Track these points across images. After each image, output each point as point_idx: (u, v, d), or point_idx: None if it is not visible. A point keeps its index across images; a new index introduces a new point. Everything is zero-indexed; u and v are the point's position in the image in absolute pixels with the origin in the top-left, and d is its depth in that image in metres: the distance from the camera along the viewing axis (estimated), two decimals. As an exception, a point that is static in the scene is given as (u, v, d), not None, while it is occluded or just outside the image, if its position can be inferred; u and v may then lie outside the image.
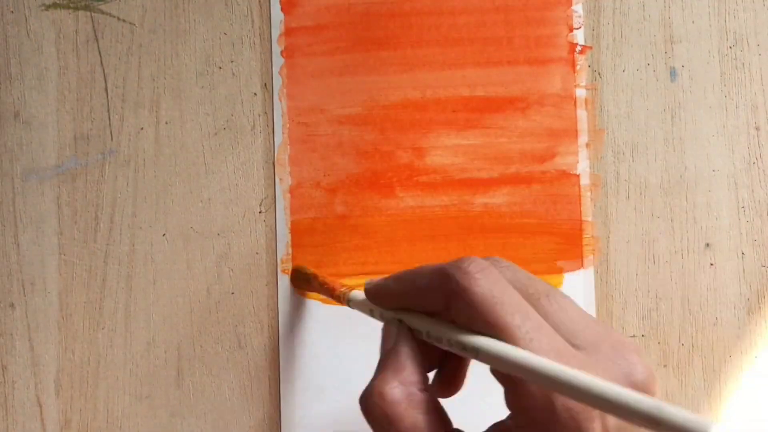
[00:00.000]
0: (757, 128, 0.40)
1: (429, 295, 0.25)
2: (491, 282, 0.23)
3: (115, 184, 0.42)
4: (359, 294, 0.32)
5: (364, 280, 0.38)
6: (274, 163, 0.42)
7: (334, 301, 0.36)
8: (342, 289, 0.34)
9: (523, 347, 0.22)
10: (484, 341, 0.23)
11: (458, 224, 0.41)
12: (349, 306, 0.33)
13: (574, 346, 0.23)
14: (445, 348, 0.25)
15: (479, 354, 0.23)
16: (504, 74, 0.41)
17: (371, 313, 0.30)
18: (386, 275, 0.29)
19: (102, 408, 0.42)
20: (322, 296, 0.39)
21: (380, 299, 0.28)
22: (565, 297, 0.25)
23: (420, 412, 0.24)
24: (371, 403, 0.24)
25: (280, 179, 0.42)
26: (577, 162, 0.41)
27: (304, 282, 0.40)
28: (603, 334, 0.24)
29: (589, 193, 0.41)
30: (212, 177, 0.42)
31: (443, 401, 0.27)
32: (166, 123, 0.42)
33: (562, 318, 0.24)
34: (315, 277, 0.38)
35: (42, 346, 0.42)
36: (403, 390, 0.24)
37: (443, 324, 0.25)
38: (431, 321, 0.26)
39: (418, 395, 0.25)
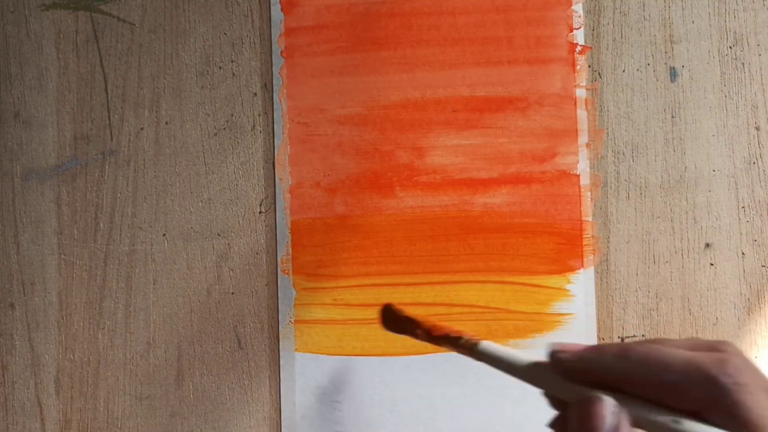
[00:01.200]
0: (757, 128, 0.40)
1: (674, 392, 0.23)
2: (759, 399, 0.22)
3: (115, 184, 0.42)
4: (493, 346, 0.29)
5: (369, 289, 0.38)
6: (274, 163, 0.42)
7: (432, 346, 0.32)
8: (467, 338, 0.30)
9: None
10: None
11: (458, 224, 0.41)
12: (476, 358, 0.29)
13: None
14: None
15: None
16: (504, 74, 0.41)
17: (523, 375, 0.27)
18: (578, 345, 0.26)
19: (102, 408, 0.42)
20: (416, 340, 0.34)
21: (582, 376, 0.25)
22: None
23: None
24: None
25: (280, 179, 0.42)
26: (577, 162, 0.41)
27: (395, 324, 0.35)
28: None
29: (589, 193, 0.41)
30: (212, 177, 0.42)
31: None
32: (166, 123, 0.42)
33: None
34: (411, 320, 0.34)
35: (42, 346, 0.42)
36: None
37: (686, 419, 0.22)
38: (665, 411, 0.23)
39: None
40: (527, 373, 0.27)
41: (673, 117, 0.41)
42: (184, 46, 0.42)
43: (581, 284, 0.40)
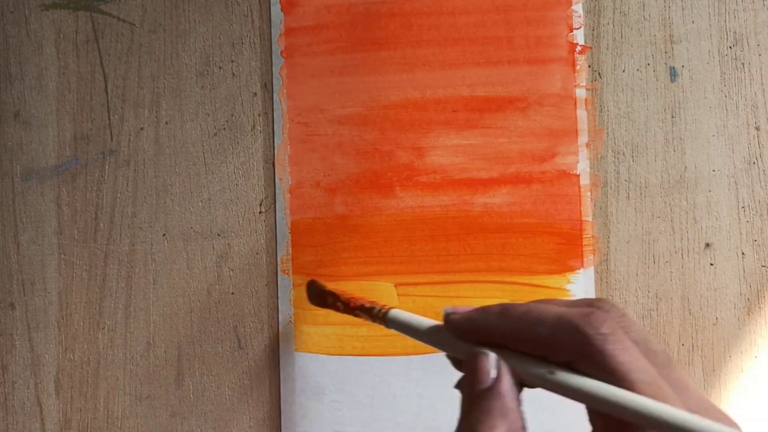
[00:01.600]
0: (757, 128, 0.40)
1: (547, 345, 0.24)
2: (624, 346, 0.23)
3: (115, 184, 0.42)
4: (401, 313, 0.31)
5: (362, 285, 0.38)
6: (274, 163, 0.42)
7: (350, 317, 0.34)
8: (378, 307, 0.32)
9: None
10: (629, 395, 0.22)
11: (458, 224, 0.41)
12: (387, 326, 0.31)
13: (689, 411, 0.23)
14: (551, 390, 0.25)
15: (621, 408, 0.23)
16: (504, 74, 0.41)
17: (426, 338, 0.29)
18: (470, 307, 0.27)
19: (102, 408, 0.42)
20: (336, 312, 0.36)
21: (471, 335, 0.27)
22: (674, 360, 0.25)
23: None
24: None
25: (280, 179, 0.42)
26: (577, 162, 0.41)
27: (318, 297, 0.38)
28: (709, 404, 0.24)
29: (589, 193, 0.41)
30: (212, 177, 0.42)
31: None
32: (166, 123, 0.42)
33: (678, 384, 0.24)
34: (332, 294, 0.36)
35: (42, 346, 0.42)
36: None
37: (560, 369, 0.24)
38: (541, 363, 0.24)
39: None
40: (429, 336, 0.29)
41: (673, 117, 0.41)
42: (184, 46, 0.42)
43: (581, 284, 0.40)
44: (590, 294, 0.40)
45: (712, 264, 0.40)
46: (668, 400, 0.23)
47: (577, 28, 0.41)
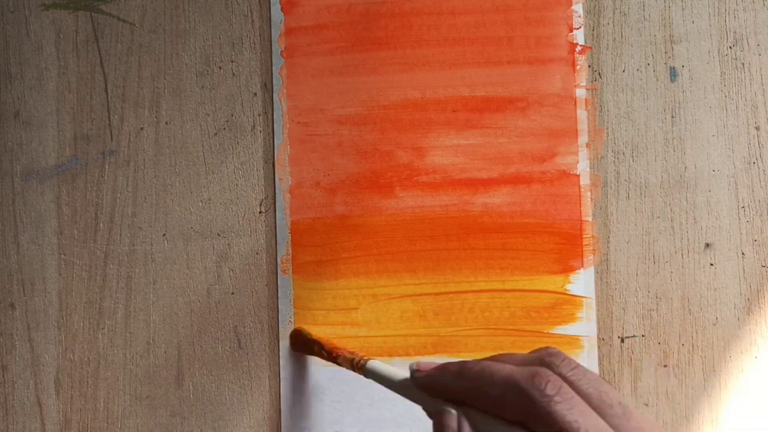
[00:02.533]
0: (757, 128, 0.40)
1: (500, 405, 0.25)
2: (571, 405, 0.24)
3: (115, 184, 0.42)
4: (378, 365, 0.33)
5: (361, 283, 0.38)
6: (274, 163, 0.42)
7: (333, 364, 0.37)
8: (357, 358, 0.35)
9: None
10: None
11: (458, 224, 0.41)
12: (366, 376, 0.34)
13: None
14: None
15: None
16: (504, 74, 0.41)
17: (399, 390, 0.31)
18: (435, 364, 0.29)
19: (102, 408, 0.42)
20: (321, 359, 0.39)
21: (434, 392, 0.29)
22: (634, 409, 0.26)
23: None
24: None
25: (280, 179, 0.42)
26: (577, 162, 0.41)
27: (303, 345, 0.40)
28: None
29: (589, 193, 0.41)
30: (212, 177, 0.42)
31: None
32: (166, 123, 0.42)
33: None
34: (317, 342, 0.39)
35: (42, 346, 0.42)
36: None
37: (516, 429, 0.25)
38: (497, 422, 0.26)
39: None
40: (403, 389, 0.31)
41: (673, 117, 0.41)
42: (184, 46, 0.42)
43: (581, 284, 0.40)
44: (590, 294, 0.40)
45: (712, 264, 0.40)
46: None
47: (577, 28, 0.41)
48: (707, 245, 0.40)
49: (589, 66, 0.41)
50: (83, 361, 0.42)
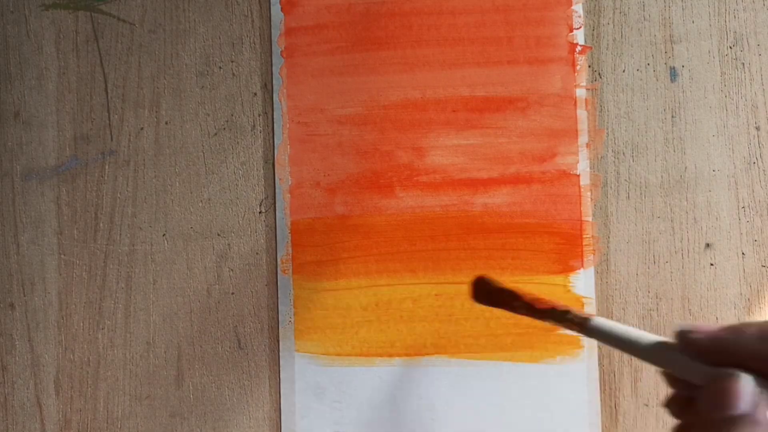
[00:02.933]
0: (757, 128, 0.40)
1: None
2: None
3: (115, 184, 0.42)
4: (607, 323, 0.28)
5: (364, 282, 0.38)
6: (274, 163, 0.42)
7: (528, 317, 0.32)
8: (574, 313, 0.30)
9: None
10: None
11: (458, 224, 0.41)
12: (588, 335, 0.29)
13: None
14: None
15: None
16: (504, 74, 0.41)
17: (644, 354, 0.27)
18: (711, 325, 0.25)
19: (102, 408, 0.42)
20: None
21: (719, 357, 0.24)
22: None
23: None
24: None
25: (280, 179, 0.42)
26: (577, 162, 0.41)
27: (490, 295, 0.34)
28: None
29: (589, 193, 0.41)
30: (212, 177, 0.42)
31: None
32: (166, 123, 0.42)
33: None
34: (510, 293, 0.33)
35: (42, 346, 0.42)
36: None
37: None
38: None
39: None
40: (649, 352, 0.26)
41: (673, 117, 0.41)
42: (184, 46, 0.42)
43: (581, 284, 0.40)
44: (590, 294, 0.40)
45: (712, 264, 0.40)
46: None
47: (577, 28, 0.41)
48: (707, 245, 0.40)
49: (589, 66, 0.41)
50: (83, 361, 0.42)
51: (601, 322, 0.28)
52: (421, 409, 0.40)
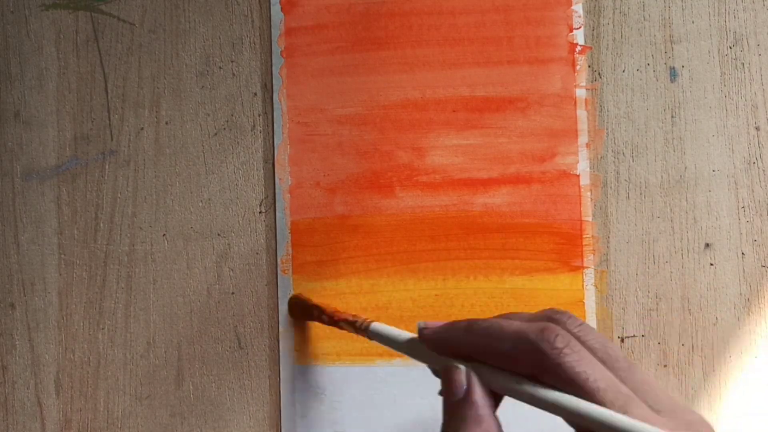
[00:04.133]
0: (757, 128, 0.40)
1: (509, 359, 0.26)
2: (580, 357, 0.25)
3: (115, 184, 0.42)
4: (382, 327, 0.33)
5: (362, 284, 0.38)
6: (274, 163, 0.42)
7: (334, 329, 0.37)
8: (360, 320, 0.35)
9: None
10: (588, 406, 0.24)
11: (458, 224, 0.41)
12: (369, 338, 0.34)
13: (655, 411, 0.25)
14: (520, 400, 0.26)
15: (577, 416, 0.24)
16: (504, 74, 0.41)
17: (405, 350, 0.31)
18: (442, 321, 0.29)
19: (102, 408, 0.42)
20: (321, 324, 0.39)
21: (442, 349, 0.29)
22: (636, 364, 0.27)
23: None
24: None
25: (280, 179, 0.42)
26: (577, 162, 0.41)
27: (302, 311, 0.40)
28: (677, 403, 0.25)
29: (589, 193, 0.41)
30: (212, 177, 0.42)
31: None
32: (166, 123, 0.42)
33: (642, 386, 0.25)
34: (317, 307, 0.39)
35: (42, 346, 0.42)
36: None
37: (525, 382, 0.26)
38: (509, 377, 0.26)
39: None
40: (408, 348, 0.31)
41: (673, 117, 0.41)
42: (184, 46, 0.42)
43: (581, 284, 0.40)
44: (590, 294, 0.40)
45: (712, 264, 0.40)
46: (629, 403, 0.24)
47: (577, 28, 0.41)
48: (707, 245, 0.40)
49: (589, 66, 0.41)
50: (83, 361, 0.42)
51: (378, 326, 0.33)
52: (422, 409, 0.40)
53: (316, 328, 0.41)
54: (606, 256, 0.40)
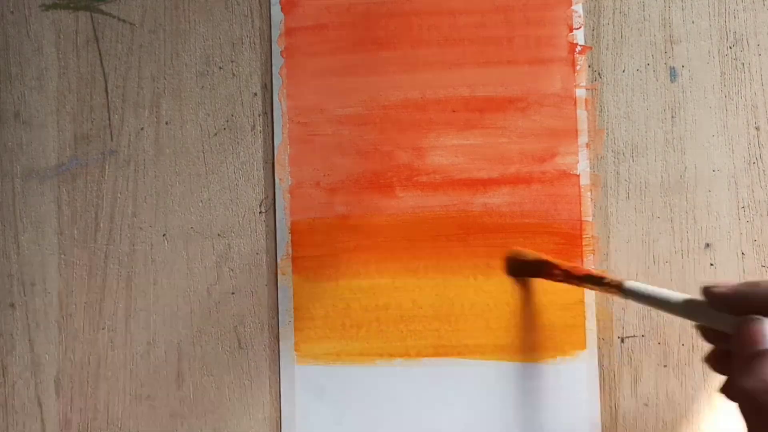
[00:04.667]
0: (757, 128, 0.40)
1: None
2: None
3: (115, 184, 0.42)
4: (639, 285, 0.33)
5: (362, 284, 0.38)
6: (274, 163, 0.42)
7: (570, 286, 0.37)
8: (609, 278, 0.35)
9: None
10: None
11: (458, 224, 0.41)
12: (624, 296, 0.33)
13: None
14: None
15: None
16: (504, 74, 0.41)
17: (677, 310, 0.31)
18: (730, 281, 0.29)
19: (102, 408, 0.42)
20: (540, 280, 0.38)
21: (740, 308, 0.28)
22: None
23: None
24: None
25: (280, 179, 0.42)
26: (577, 162, 0.41)
27: (524, 269, 0.39)
28: None
29: (589, 193, 0.41)
30: (212, 177, 0.42)
31: None
32: (166, 123, 0.42)
33: None
34: (547, 263, 0.38)
35: (42, 346, 0.42)
36: None
37: None
38: None
39: None
40: (681, 308, 0.31)
41: (673, 117, 0.41)
42: (184, 46, 0.42)
43: (581, 284, 0.40)
44: (591, 294, 0.40)
45: (712, 264, 0.40)
46: None
47: (577, 28, 0.41)
48: (707, 245, 0.40)
49: (589, 66, 0.41)
50: (83, 361, 0.42)
51: (635, 284, 0.33)
52: (422, 409, 0.40)
53: (317, 328, 0.41)
54: (606, 256, 0.40)
